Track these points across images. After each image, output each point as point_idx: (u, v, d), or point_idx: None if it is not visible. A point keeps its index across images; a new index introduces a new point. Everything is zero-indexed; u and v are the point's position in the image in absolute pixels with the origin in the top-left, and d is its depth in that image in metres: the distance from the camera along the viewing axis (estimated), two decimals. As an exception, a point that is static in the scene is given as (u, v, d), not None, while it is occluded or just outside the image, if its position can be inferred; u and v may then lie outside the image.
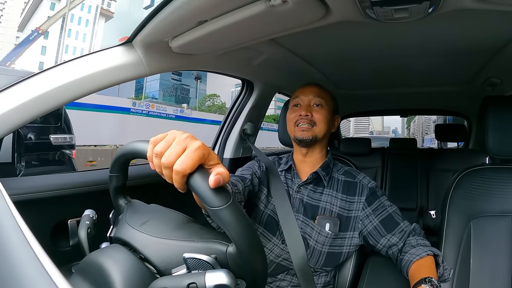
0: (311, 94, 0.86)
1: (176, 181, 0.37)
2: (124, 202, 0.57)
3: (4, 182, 0.51)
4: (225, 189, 0.38)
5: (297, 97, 0.88)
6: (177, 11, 0.58)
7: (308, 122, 0.84)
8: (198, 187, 0.37)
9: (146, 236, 0.47)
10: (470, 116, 2.23)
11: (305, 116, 0.84)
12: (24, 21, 27.37)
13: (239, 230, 0.38)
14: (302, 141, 0.84)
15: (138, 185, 0.95)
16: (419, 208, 1.98)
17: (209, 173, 0.37)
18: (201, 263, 0.42)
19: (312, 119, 0.84)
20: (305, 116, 0.84)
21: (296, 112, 0.86)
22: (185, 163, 0.36)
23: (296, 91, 0.90)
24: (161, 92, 31.21)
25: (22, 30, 27.81)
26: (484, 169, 0.81)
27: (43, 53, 25.71)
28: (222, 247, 0.43)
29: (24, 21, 27.37)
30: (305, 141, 0.84)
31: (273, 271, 0.81)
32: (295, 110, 0.87)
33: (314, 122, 0.84)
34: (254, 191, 0.85)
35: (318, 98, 0.86)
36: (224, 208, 0.37)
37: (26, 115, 0.62)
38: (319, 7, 0.58)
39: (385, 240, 0.78)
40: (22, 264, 0.28)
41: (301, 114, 0.84)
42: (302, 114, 0.84)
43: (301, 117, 0.84)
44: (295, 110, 0.87)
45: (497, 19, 0.75)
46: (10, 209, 0.36)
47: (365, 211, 0.81)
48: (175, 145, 0.37)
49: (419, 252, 0.73)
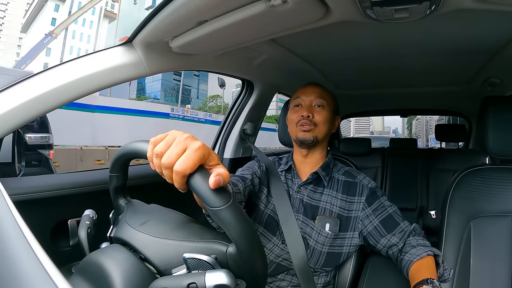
0: (313, 95, 0.86)
1: (176, 182, 0.37)
2: (124, 202, 0.57)
3: (4, 182, 0.51)
4: (225, 190, 0.38)
5: (298, 97, 0.87)
6: (177, 11, 0.58)
7: (309, 123, 0.83)
8: (199, 188, 0.37)
9: (146, 236, 0.47)
10: (470, 116, 2.23)
11: (307, 117, 0.83)
12: (28, 23, 27.54)
13: (239, 231, 0.38)
14: (304, 142, 0.84)
15: (138, 185, 0.95)
16: (419, 208, 1.98)
17: (210, 174, 0.37)
18: (202, 263, 0.42)
19: (313, 120, 0.84)
20: (307, 117, 0.83)
21: (297, 112, 0.85)
22: (185, 163, 0.36)
23: (297, 91, 0.90)
24: (163, 92, 31.28)
25: (26, 32, 28.01)
26: (484, 169, 0.81)
27: (47, 54, 26.01)
28: (222, 247, 0.43)
29: (28, 23, 27.54)
30: (307, 142, 0.84)
31: (273, 271, 0.81)
32: (296, 111, 0.86)
33: (315, 123, 0.84)
34: (254, 191, 0.85)
35: (319, 99, 0.85)
36: (225, 208, 0.37)
37: (26, 115, 0.62)
38: (319, 7, 0.58)
39: (385, 240, 0.78)
40: (22, 264, 0.28)
41: (302, 115, 0.83)
42: (304, 115, 0.83)
43: (303, 118, 0.83)
44: (297, 110, 0.86)
45: (497, 19, 0.75)
46: (10, 209, 0.36)
47: (365, 211, 0.80)
48: (175, 146, 0.37)
49: (419, 252, 0.72)
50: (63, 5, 26.42)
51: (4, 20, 28.94)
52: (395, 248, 0.77)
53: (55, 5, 26.24)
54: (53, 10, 26.20)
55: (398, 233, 0.78)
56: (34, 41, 25.32)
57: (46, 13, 26.14)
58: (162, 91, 30.46)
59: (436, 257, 0.73)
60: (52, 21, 26.02)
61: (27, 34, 28.19)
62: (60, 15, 26.37)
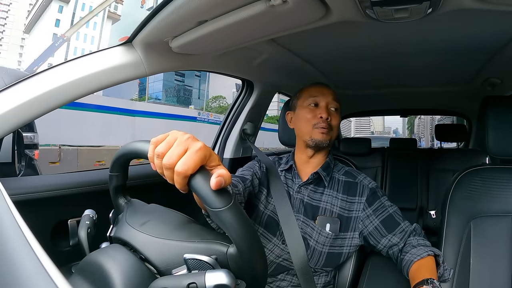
0: (330, 96, 0.85)
1: (177, 182, 0.37)
2: (124, 201, 0.57)
3: (4, 182, 0.51)
4: (226, 191, 0.38)
5: (314, 96, 0.85)
6: (177, 11, 0.58)
7: (328, 126, 0.82)
8: (200, 189, 0.37)
9: (146, 236, 0.47)
10: (470, 116, 2.23)
11: (326, 120, 0.81)
12: (31, 24, 27.78)
13: (240, 231, 0.38)
14: (318, 145, 0.82)
15: (138, 185, 0.95)
16: (419, 208, 1.98)
17: (211, 175, 0.37)
18: (202, 264, 0.42)
19: (330, 123, 0.83)
20: (326, 120, 0.81)
21: (314, 112, 0.83)
22: (186, 164, 0.36)
23: (310, 88, 0.88)
24: (164, 92, 31.38)
25: (29, 32, 28.27)
26: (484, 169, 0.81)
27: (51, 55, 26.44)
28: (223, 248, 0.43)
29: (31, 24, 27.78)
30: (322, 145, 0.82)
31: (273, 271, 0.81)
32: (312, 110, 0.84)
33: (332, 126, 0.83)
34: (254, 191, 0.85)
35: (335, 102, 0.85)
36: (225, 209, 0.37)
37: (26, 115, 0.62)
38: (319, 7, 0.58)
39: (386, 240, 0.78)
40: (22, 264, 0.28)
41: (322, 116, 0.81)
42: (324, 116, 0.81)
43: (322, 119, 0.81)
44: (313, 110, 0.84)
45: (497, 19, 0.75)
46: (10, 209, 0.36)
47: (365, 211, 0.80)
48: (176, 146, 0.37)
49: (420, 252, 0.72)
50: (67, 6, 26.77)
51: (6, 21, 29.14)
52: (395, 248, 0.77)
53: (59, 6, 26.59)
54: (57, 11, 26.54)
55: (399, 233, 0.78)
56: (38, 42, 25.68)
57: (50, 14, 26.44)
58: (164, 91, 30.69)
59: (437, 257, 0.73)
60: (56, 22, 26.44)
61: (30, 35, 28.55)
62: (64, 16, 26.76)
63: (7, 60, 27.92)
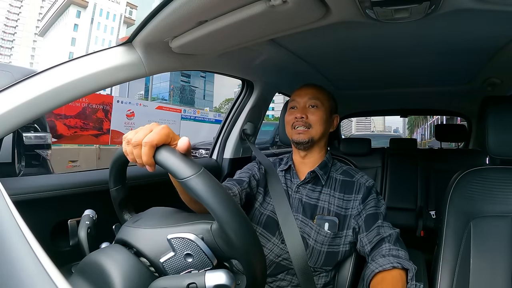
0: (306, 96, 0.86)
1: (144, 154, 0.41)
2: (129, 217, 0.58)
3: (4, 182, 0.51)
4: (193, 161, 0.40)
5: (293, 100, 0.89)
6: (177, 11, 0.58)
7: (303, 125, 0.84)
8: (166, 160, 0.40)
9: (137, 229, 0.48)
10: (470, 116, 2.23)
11: (301, 118, 0.84)
12: (46, 27, 28.16)
13: (213, 198, 0.38)
14: (299, 144, 0.85)
15: (138, 185, 0.95)
16: (419, 208, 1.97)
17: (175, 150, 0.41)
18: (185, 242, 0.42)
19: (307, 121, 0.84)
20: (301, 118, 0.84)
21: (292, 114, 0.87)
22: (151, 136, 0.41)
23: (293, 93, 0.90)
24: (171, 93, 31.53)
25: (43, 36, 28.65)
26: (484, 170, 0.81)
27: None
28: (207, 226, 0.43)
29: (46, 27, 28.16)
30: (302, 143, 0.84)
31: (273, 271, 0.82)
32: (291, 113, 0.87)
33: (309, 124, 0.84)
34: (252, 193, 0.85)
35: (313, 100, 0.86)
36: (195, 177, 0.38)
37: (26, 115, 0.62)
38: (319, 7, 0.58)
39: (361, 238, 0.77)
40: (22, 264, 0.28)
41: (296, 117, 0.84)
42: (298, 116, 0.84)
43: (297, 119, 0.84)
44: (292, 112, 0.88)
45: (497, 19, 0.75)
46: (10, 209, 0.36)
47: (358, 208, 0.80)
48: (142, 129, 0.44)
49: (384, 263, 0.67)
50: (85, 11, 27.41)
51: (18, 23, 29.53)
52: (362, 250, 0.75)
53: (76, 11, 27.17)
54: (75, 16, 27.32)
55: (370, 232, 0.75)
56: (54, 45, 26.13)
57: (68, 19, 27.31)
58: (170, 91, 31.05)
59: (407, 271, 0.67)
60: (74, 27, 27.32)
61: (44, 38, 29.02)
62: (81, 21, 27.45)
63: (19, 62, 28.42)
